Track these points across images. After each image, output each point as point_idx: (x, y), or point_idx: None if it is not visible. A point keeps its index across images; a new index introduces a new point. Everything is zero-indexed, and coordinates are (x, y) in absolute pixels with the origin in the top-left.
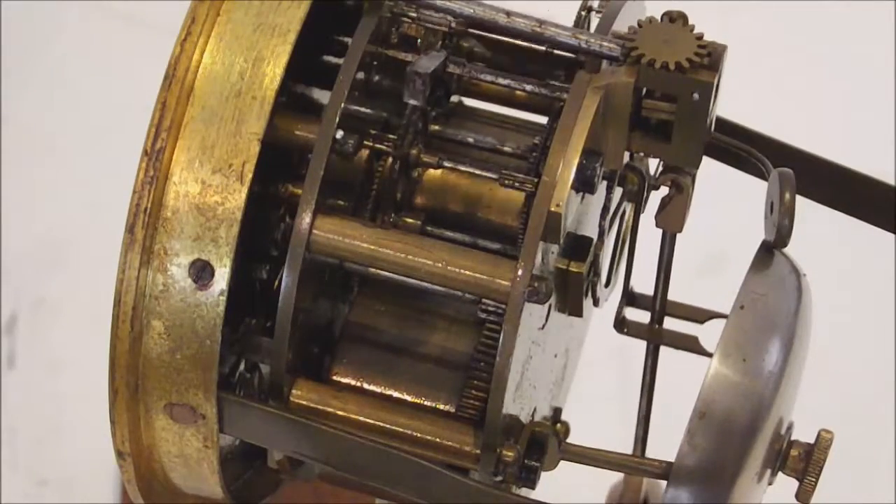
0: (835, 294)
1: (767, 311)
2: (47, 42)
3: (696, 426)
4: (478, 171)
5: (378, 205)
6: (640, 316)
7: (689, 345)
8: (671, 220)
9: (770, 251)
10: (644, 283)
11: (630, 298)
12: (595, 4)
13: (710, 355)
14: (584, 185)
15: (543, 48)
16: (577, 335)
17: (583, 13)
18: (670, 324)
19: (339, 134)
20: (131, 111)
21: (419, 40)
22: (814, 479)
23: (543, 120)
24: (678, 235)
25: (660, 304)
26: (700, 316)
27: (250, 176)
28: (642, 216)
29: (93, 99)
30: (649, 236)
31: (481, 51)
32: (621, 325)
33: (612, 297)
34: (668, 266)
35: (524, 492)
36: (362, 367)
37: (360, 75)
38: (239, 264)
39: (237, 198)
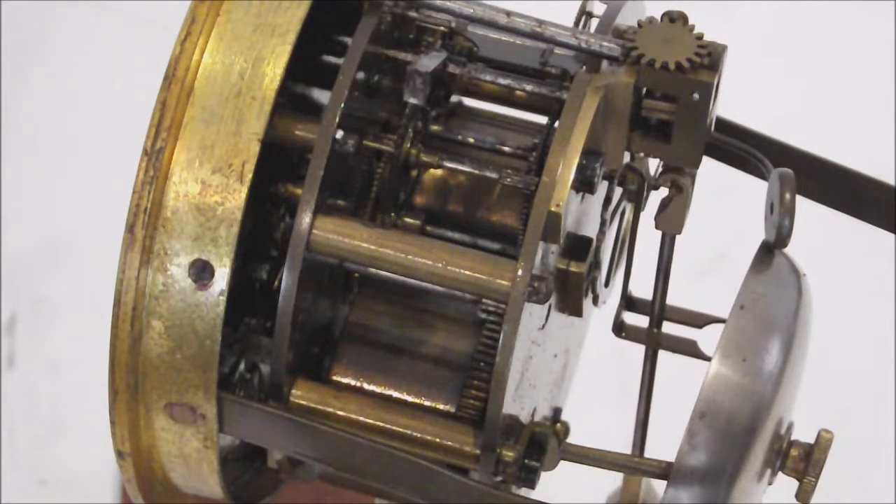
0: (835, 294)
1: (767, 311)
2: (47, 42)
3: (696, 426)
4: (478, 171)
5: (378, 205)
6: (639, 321)
7: (688, 349)
8: (671, 222)
9: (770, 251)
10: (643, 285)
11: (629, 303)
12: (593, 10)
13: (708, 359)
14: (584, 185)
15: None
16: (577, 335)
17: (582, 18)
18: (669, 328)
19: (339, 134)
20: (131, 111)
21: (419, 40)
22: (814, 479)
23: (543, 120)
24: (678, 236)
25: (658, 308)
26: (699, 321)
27: (250, 176)
28: (642, 217)
29: (93, 99)
30: (648, 239)
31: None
32: (620, 329)
33: (611, 300)
34: (668, 269)
35: (524, 492)
36: (362, 367)
37: (360, 75)
38: (239, 264)
39: (237, 198)
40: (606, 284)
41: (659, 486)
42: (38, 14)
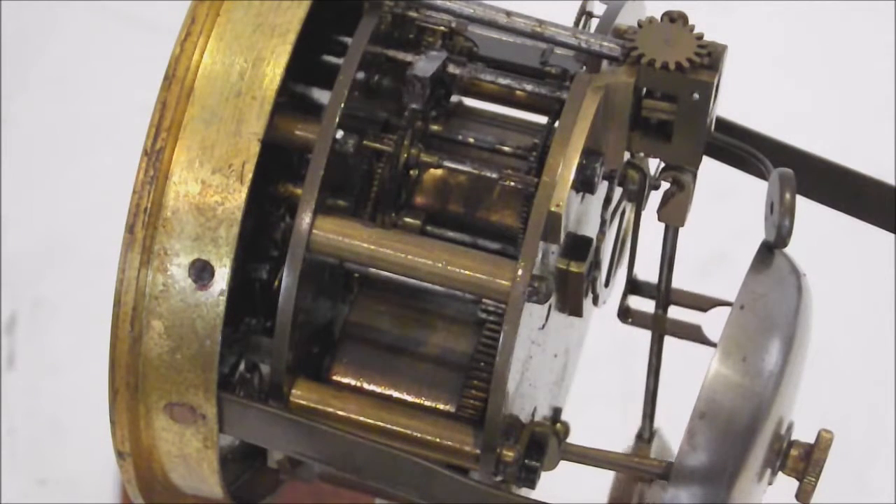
0: (835, 294)
1: (767, 311)
2: (47, 42)
3: (697, 426)
4: (478, 171)
5: (378, 205)
6: (644, 309)
7: (693, 334)
8: (673, 216)
9: (770, 251)
10: (647, 279)
11: (634, 286)
12: (594, 10)
13: (713, 345)
14: (584, 185)
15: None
16: (577, 335)
17: (582, 18)
18: (674, 314)
19: (339, 134)
20: (131, 111)
21: (419, 40)
22: (814, 479)
23: (543, 120)
24: (680, 230)
25: (664, 293)
26: (704, 304)
27: (250, 176)
28: (643, 214)
29: (93, 99)
30: (649, 237)
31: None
32: (625, 314)
33: (613, 294)
34: (672, 256)
35: (524, 492)
36: (362, 367)
37: (361, 75)
38: (239, 264)
39: (237, 198)
40: (606, 284)
41: (674, 447)
42: (38, 14)
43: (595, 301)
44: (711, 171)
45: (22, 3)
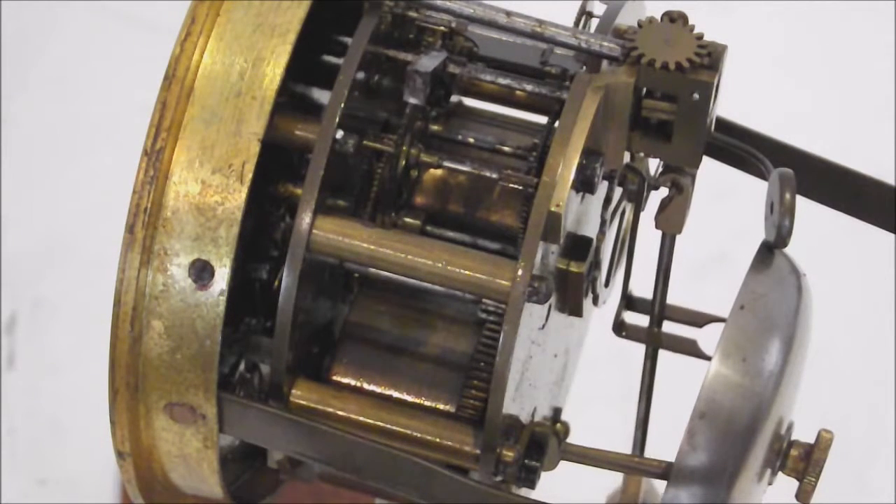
0: (835, 294)
1: (767, 311)
2: (47, 42)
3: (696, 426)
4: (478, 171)
5: (378, 205)
6: (639, 320)
7: (688, 348)
8: (671, 222)
9: (770, 251)
10: (643, 284)
11: (629, 302)
12: (594, 10)
13: (709, 359)
14: (584, 185)
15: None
16: (577, 335)
17: (582, 18)
18: (669, 327)
19: (339, 134)
20: (131, 111)
21: (419, 40)
22: (814, 479)
23: (543, 120)
24: (678, 235)
25: (659, 308)
26: (699, 320)
27: (250, 176)
28: (642, 217)
29: (93, 99)
30: (649, 238)
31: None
32: (620, 328)
33: (611, 299)
34: (668, 269)
35: (524, 492)
36: (362, 367)
37: (361, 75)
38: (239, 264)
39: (237, 198)
40: (606, 284)
41: (660, 485)
42: (38, 14)
43: (595, 301)
44: (711, 171)
45: (22, 3)
